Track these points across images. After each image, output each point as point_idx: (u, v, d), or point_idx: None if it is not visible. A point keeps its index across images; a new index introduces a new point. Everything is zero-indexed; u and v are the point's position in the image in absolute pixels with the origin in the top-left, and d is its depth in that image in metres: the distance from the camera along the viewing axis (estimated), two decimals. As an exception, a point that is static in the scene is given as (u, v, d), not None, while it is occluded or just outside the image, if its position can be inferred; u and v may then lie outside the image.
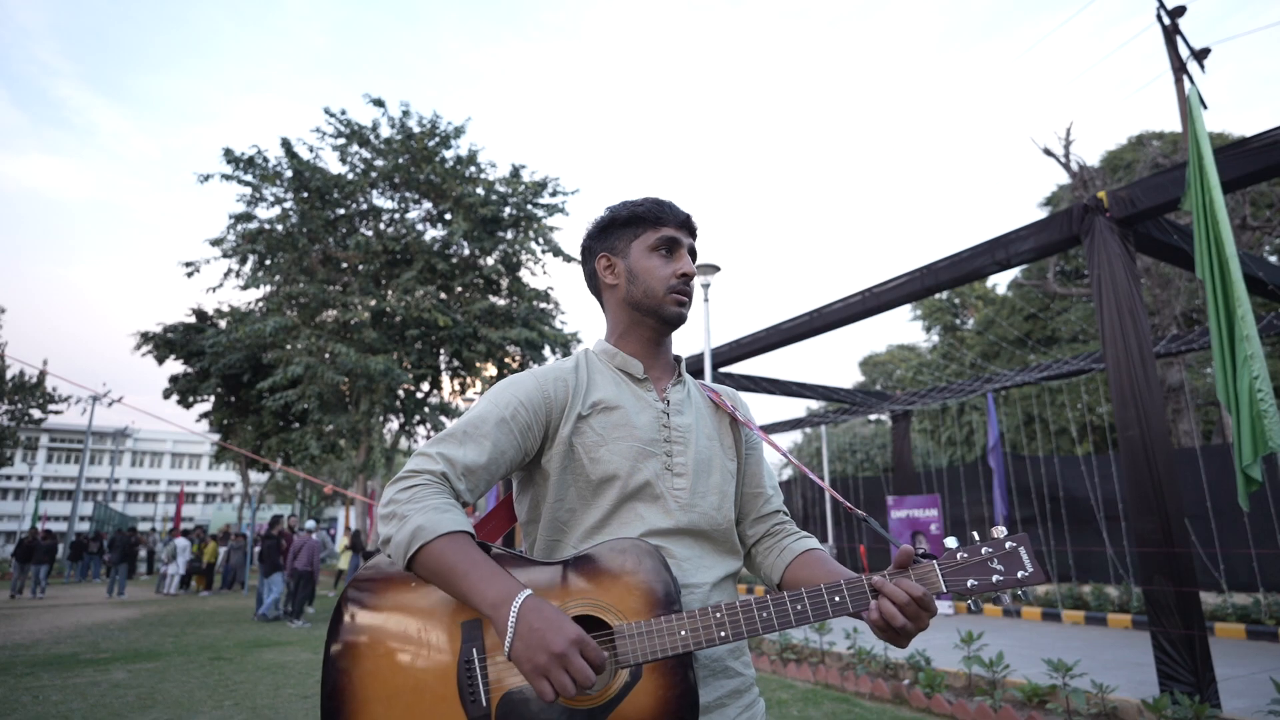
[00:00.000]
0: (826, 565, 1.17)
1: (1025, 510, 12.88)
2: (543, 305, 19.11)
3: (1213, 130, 19.57)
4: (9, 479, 61.41)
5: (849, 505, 1.21)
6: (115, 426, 39.34)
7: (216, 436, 22.46)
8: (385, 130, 17.71)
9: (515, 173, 18.30)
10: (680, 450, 1.20)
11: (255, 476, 28.66)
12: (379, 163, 17.57)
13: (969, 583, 0.99)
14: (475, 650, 1.00)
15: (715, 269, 9.13)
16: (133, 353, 21.46)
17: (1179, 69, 12.41)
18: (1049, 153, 16.22)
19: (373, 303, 17.02)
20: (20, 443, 28.75)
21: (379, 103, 17.34)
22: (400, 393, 18.60)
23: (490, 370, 18.73)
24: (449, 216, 17.90)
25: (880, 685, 5.48)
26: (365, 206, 18.23)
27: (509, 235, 18.39)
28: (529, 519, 1.21)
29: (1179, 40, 12.49)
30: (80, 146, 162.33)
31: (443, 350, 18.97)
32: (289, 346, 16.61)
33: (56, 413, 28.34)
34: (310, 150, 17.40)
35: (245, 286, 17.21)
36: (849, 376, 49.06)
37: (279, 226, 17.12)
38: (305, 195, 17.22)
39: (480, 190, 17.48)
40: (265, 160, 17.02)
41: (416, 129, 17.60)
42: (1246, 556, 9.40)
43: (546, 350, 18.12)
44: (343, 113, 17.36)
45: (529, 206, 18.21)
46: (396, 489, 1.04)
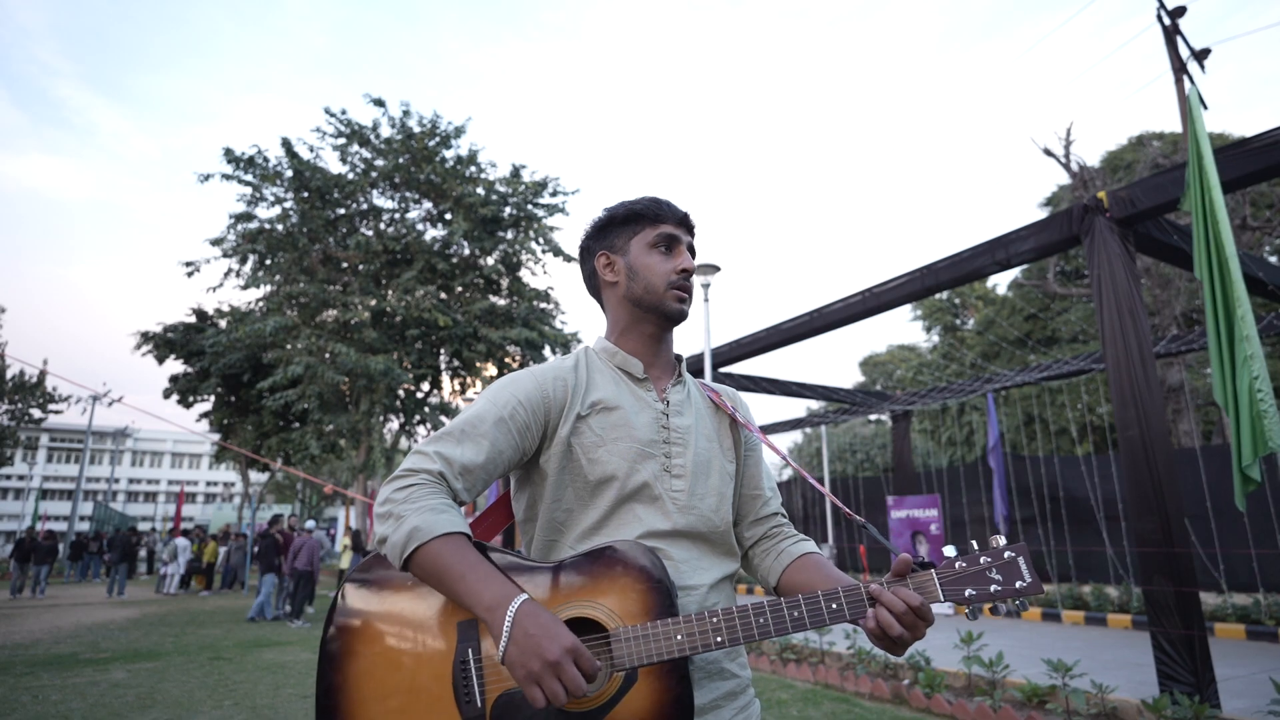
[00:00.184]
0: (824, 570, 1.17)
1: (1025, 510, 12.87)
2: (543, 305, 19.10)
3: (1213, 130, 19.56)
4: (9, 479, 61.43)
5: (849, 511, 1.20)
6: (115, 426, 39.41)
7: (216, 436, 22.45)
8: (385, 130, 17.72)
9: (515, 173, 18.29)
10: (679, 452, 1.19)
11: (255, 476, 28.66)
12: (379, 162, 17.56)
13: (967, 592, 0.99)
14: (471, 651, 1.00)
15: (715, 269, 9.12)
16: (133, 352, 21.50)
17: (1179, 69, 12.40)
18: (1049, 153, 16.22)
19: (373, 302, 17.02)
20: (20, 442, 28.75)
21: (379, 103, 17.33)
22: (400, 393, 18.59)
23: (490, 370, 18.72)
24: (449, 216, 17.89)
25: (880, 685, 5.48)
26: (365, 206, 18.23)
27: (509, 235, 18.38)
28: (526, 518, 1.21)
29: (1179, 40, 12.49)
30: (80, 146, 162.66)
31: (443, 350, 18.97)
32: (289, 346, 16.61)
33: (57, 412, 28.34)
34: (310, 150, 17.39)
35: (245, 286, 17.20)
36: (849, 376, 49.11)
37: (279, 226, 17.11)
38: (305, 195, 17.22)
39: (480, 190, 17.47)
40: (265, 160, 17.01)
41: (417, 129, 17.59)
42: (1246, 557, 9.39)
43: (547, 350, 18.10)
44: (343, 112, 17.35)
45: (529, 206, 18.20)
46: (393, 488, 1.04)
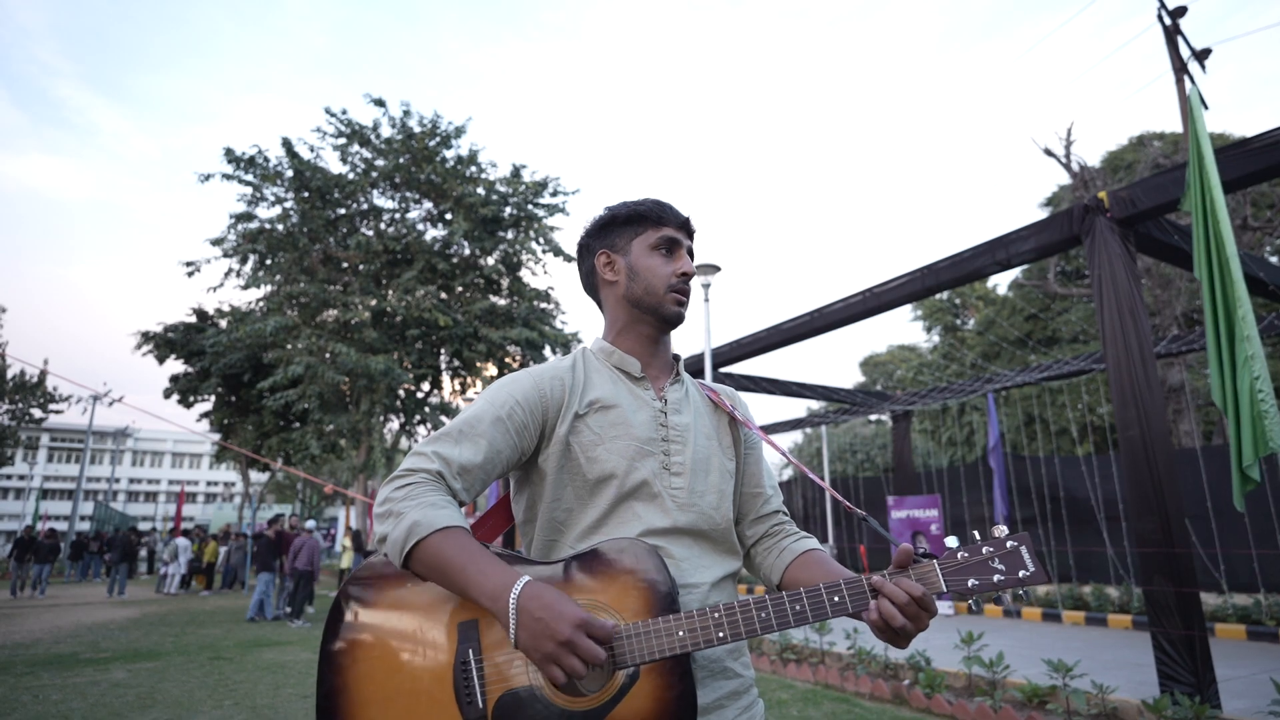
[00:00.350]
0: (826, 566, 1.17)
1: (1025, 511, 12.87)
2: (543, 305, 19.11)
3: (1213, 130, 19.56)
4: (10, 478, 61.42)
5: (849, 505, 1.20)
6: (116, 426, 39.41)
7: (217, 436, 22.45)
8: (386, 130, 17.72)
9: (516, 173, 18.29)
10: (678, 449, 1.19)
11: (255, 476, 28.64)
12: (380, 162, 17.56)
13: (970, 582, 0.97)
14: (471, 651, 0.99)
15: (715, 269, 9.11)
16: (133, 352, 21.50)
17: (1180, 69, 12.39)
18: (1050, 153, 16.23)
19: (373, 302, 17.02)
20: (21, 442, 28.74)
21: (379, 103, 17.33)
22: (400, 392, 18.60)
23: (491, 370, 18.73)
24: (449, 216, 17.89)
25: (880, 685, 5.48)
26: (366, 206, 18.23)
27: (509, 235, 18.39)
28: (526, 519, 1.21)
29: (1180, 40, 12.47)
30: (80, 146, 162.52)
31: (443, 350, 18.97)
32: (289, 346, 16.61)
33: (57, 412, 28.34)
34: (311, 150, 17.40)
35: (246, 286, 17.21)
36: (849, 376, 49.05)
37: (279, 226, 17.11)
38: (306, 195, 17.22)
39: (481, 190, 17.48)
40: (266, 160, 17.02)
41: (417, 129, 17.59)
42: (1247, 557, 9.38)
43: (547, 350, 18.11)
44: (343, 112, 17.36)
45: (529, 206, 18.20)
46: (392, 488, 1.04)
